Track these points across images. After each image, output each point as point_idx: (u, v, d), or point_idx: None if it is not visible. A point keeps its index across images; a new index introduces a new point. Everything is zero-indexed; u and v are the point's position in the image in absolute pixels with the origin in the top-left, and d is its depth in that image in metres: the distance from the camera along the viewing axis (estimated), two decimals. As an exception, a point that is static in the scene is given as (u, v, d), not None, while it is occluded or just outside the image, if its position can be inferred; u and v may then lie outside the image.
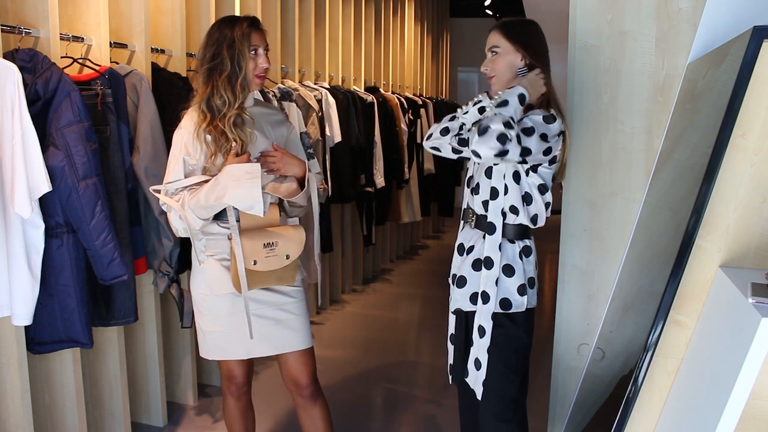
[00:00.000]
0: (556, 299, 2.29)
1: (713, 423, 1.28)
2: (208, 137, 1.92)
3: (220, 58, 1.91)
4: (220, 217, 1.96)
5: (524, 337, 1.84)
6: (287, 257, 1.98)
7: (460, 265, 1.89)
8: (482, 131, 1.63)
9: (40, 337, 2.20)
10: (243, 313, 1.98)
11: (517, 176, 1.80)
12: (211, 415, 2.95)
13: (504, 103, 1.69)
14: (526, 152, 1.70)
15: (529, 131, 1.71)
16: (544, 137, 1.73)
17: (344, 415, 3.00)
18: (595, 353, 2.23)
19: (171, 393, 3.03)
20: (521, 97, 1.70)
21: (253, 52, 1.93)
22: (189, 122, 1.96)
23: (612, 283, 2.17)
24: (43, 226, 2.06)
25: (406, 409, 3.08)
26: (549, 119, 1.75)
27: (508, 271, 1.80)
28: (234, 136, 1.91)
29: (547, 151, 1.76)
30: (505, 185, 1.81)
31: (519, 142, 1.66)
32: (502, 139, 1.62)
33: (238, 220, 1.94)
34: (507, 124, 1.64)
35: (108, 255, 2.18)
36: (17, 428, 2.16)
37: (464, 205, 1.94)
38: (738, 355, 1.24)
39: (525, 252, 1.82)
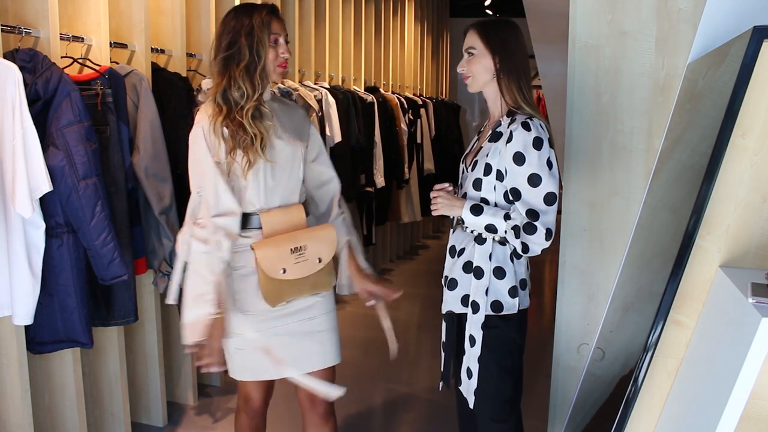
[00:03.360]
0: (556, 299, 2.29)
1: (713, 423, 1.28)
2: (225, 131, 1.76)
3: (238, 47, 1.77)
4: (243, 225, 1.81)
5: (517, 337, 1.84)
6: (319, 260, 1.84)
7: (451, 267, 1.88)
8: (524, 249, 1.75)
9: (40, 337, 2.20)
10: (270, 334, 1.85)
11: (507, 196, 1.77)
12: (211, 415, 2.95)
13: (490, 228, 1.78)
14: (550, 201, 1.72)
15: (535, 180, 1.70)
16: (548, 164, 1.72)
17: (344, 415, 2.99)
18: (595, 353, 2.23)
19: (171, 393, 3.03)
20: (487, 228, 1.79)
21: (273, 42, 1.81)
22: (203, 117, 1.79)
23: (612, 283, 2.17)
24: (43, 225, 2.06)
25: (406, 409, 3.08)
26: (536, 142, 1.71)
27: (499, 273, 1.79)
28: (253, 130, 1.75)
29: (550, 165, 1.74)
30: (495, 202, 1.80)
31: (536, 218, 1.72)
32: (517, 231, 1.73)
33: (260, 227, 1.81)
34: (489, 228, 1.76)
35: (108, 255, 2.18)
36: (17, 428, 2.16)
37: None
38: (738, 355, 1.24)
39: (516, 253, 1.81)
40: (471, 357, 1.83)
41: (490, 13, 8.02)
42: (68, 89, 2.09)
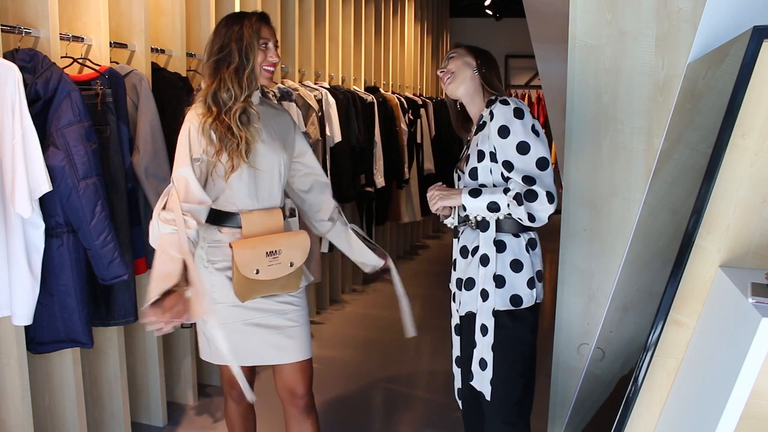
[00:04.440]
0: (556, 299, 2.29)
1: (713, 423, 1.28)
2: (213, 134, 1.83)
3: (228, 50, 1.85)
4: (222, 221, 1.92)
5: (528, 336, 1.83)
6: (291, 265, 1.93)
7: (466, 267, 1.87)
8: (530, 219, 1.74)
9: (40, 337, 2.20)
10: (241, 323, 1.93)
11: (503, 174, 1.81)
12: (211, 415, 2.95)
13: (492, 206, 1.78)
14: (543, 165, 1.73)
15: (524, 147, 1.73)
16: (534, 131, 1.76)
17: (344, 415, 3.00)
18: (595, 353, 2.23)
19: (171, 393, 3.03)
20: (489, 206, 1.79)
21: (263, 45, 1.88)
22: (193, 116, 1.87)
23: (612, 283, 2.17)
24: (43, 225, 2.06)
25: (406, 409, 3.08)
26: (517, 112, 1.77)
27: (516, 265, 1.79)
28: (240, 132, 1.83)
29: (537, 132, 1.78)
30: (493, 183, 1.81)
31: (534, 183, 1.73)
32: (518, 198, 1.73)
33: (239, 226, 1.90)
34: (491, 207, 1.76)
35: (108, 255, 2.18)
36: (17, 428, 2.16)
37: (460, 212, 1.93)
38: (738, 355, 1.24)
39: (531, 245, 1.82)
40: (484, 347, 1.82)
41: (490, 13, 8.01)
42: (68, 89, 2.09)
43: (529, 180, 1.72)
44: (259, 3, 3.47)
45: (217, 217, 1.93)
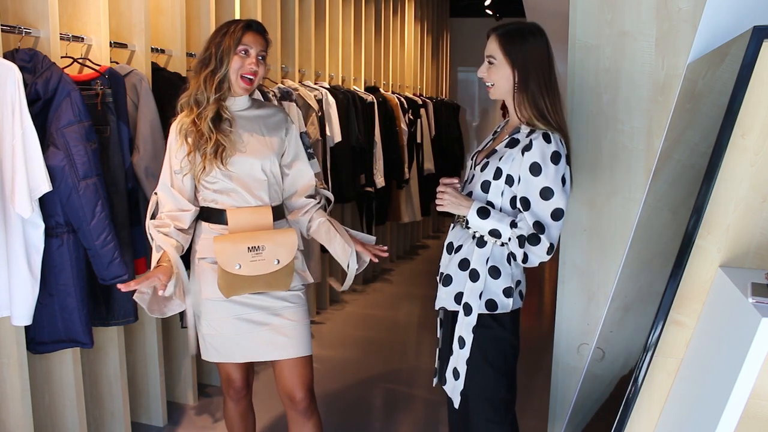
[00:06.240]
0: (556, 299, 2.29)
1: (713, 423, 1.28)
2: (188, 137, 1.90)
3: (208, 54, 1.91)
4: (211, 219, 1.96)
5: (511, 338, 1.83)
6: (278, 262, 1.92)
7: (447, 263, 1.88)
8: (524, 259, 1.75)
9: (40, 337, 2.20)
10: (232, 317, 1.95)
11: (513, 202, 1.77)
12: (211, 415, 2.95)
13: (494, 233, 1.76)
14: (557, 216, 1.71)
15: (547, 194, 1.70)
16: (562, 180, 1.72)
17: (344, 415, 3.00)
18: (595, 353, 2.23)
19: (171, 393, 3.03)
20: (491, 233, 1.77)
21: (243, 53, 1.89)
22: (177, 118, 1.95)
23: (612, 283, 2.17)
24: (43, 225, 2.06)
25: (407, 409, 3.08)
26: (554, 156, 1.70)
27: (494, 272, 1.78)
28: (212, 135, 1.87)
29: (564, 181, 1.73)
30: (501, 207, 1.79)
31: (542, 230, 1.71)
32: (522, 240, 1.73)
33: (225, 223, 1.94)
34: (493, 233, 1.75)
35: (108, 255, 2.18)
36: (17, 428, 2.16)
37: None
38: (738, 355, 1.24)
39: (513, 256, 1.80)
40: (459, 358, 1.82)
41: (490, 13, 8.01)
42: (68, 89, 2.09)
43: (539, 227, 1.71)
44: (259, 3, 3.47)
45: (207, 215, 1.97)
